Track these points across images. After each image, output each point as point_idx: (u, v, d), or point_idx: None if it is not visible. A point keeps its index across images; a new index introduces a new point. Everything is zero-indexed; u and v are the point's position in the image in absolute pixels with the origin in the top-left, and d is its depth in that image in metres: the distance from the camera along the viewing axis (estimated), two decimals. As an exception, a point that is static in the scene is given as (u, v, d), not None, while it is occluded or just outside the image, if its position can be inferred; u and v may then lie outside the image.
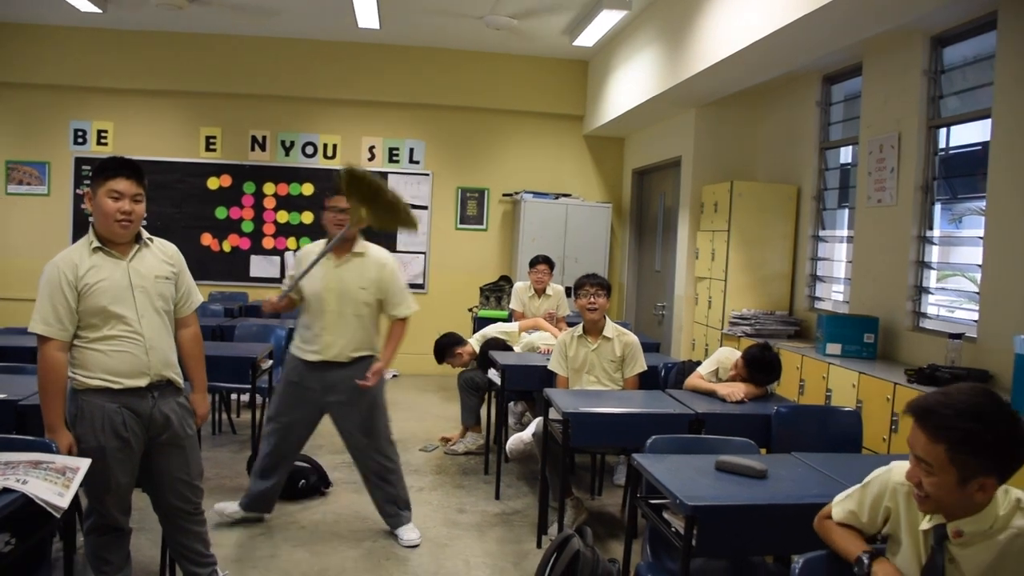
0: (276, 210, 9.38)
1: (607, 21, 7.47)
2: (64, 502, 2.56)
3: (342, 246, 4.27)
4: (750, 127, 7.57)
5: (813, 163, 6.73)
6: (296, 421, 4.46)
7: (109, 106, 9.10)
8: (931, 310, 5.34)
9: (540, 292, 6.98)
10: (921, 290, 5.37)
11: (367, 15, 7.63)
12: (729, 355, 4.60)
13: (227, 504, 4.53)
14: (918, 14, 4.81)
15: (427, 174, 9.57)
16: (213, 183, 9.26)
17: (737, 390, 4.30)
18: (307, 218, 9.34)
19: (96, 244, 3.11)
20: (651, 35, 7.20)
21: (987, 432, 1.87)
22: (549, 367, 4.93)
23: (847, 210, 6.39)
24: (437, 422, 6.59)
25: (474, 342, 6.12)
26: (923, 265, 5.36)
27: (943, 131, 5.32)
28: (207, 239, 9.26)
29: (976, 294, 4.81)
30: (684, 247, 7.65)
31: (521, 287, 7.09)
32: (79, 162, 9.07)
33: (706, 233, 7.21)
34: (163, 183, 8.94)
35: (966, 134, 5.19)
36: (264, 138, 9.35)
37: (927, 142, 5.34)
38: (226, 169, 9.29)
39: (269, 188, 9.34)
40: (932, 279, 5.40)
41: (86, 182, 8.66)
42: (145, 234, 3.25)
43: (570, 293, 6.60)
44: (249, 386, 5.36)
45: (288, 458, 4.56)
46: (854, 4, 4.46)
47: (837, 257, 6.52)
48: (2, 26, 8.71)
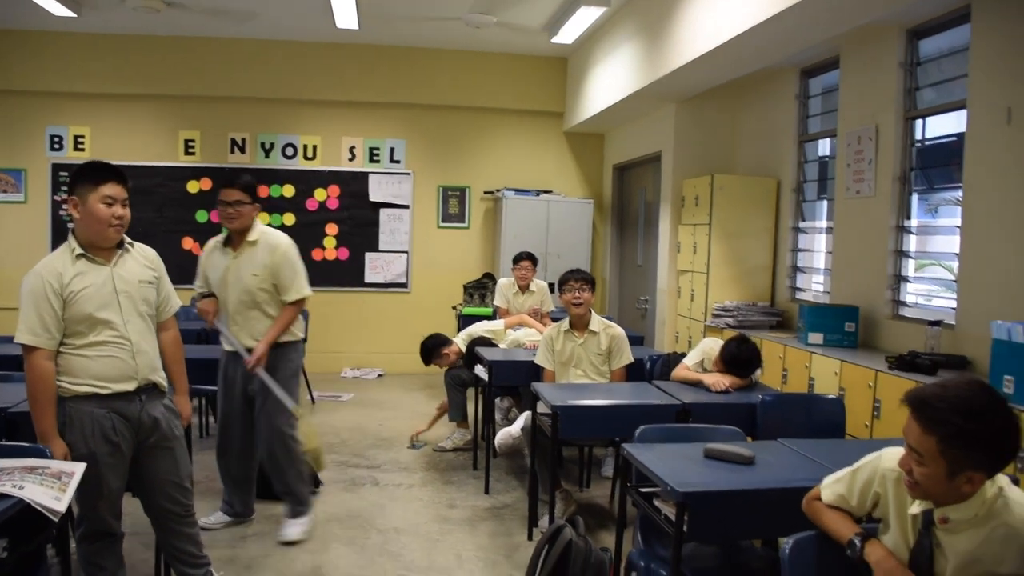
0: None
1: (586, 18, 7.51)
2: (61, 506, 2.57)
3: (238, 237, 4.36)
4: (730, 121, 7.64)
5: (792, 156, 6.81)
6: (230, 412, 4.50)
7: (85, 111, 9.05)
8: (910, 298, 5.42)
9: (524, 288, 7.02)
10: (900, 279, 5.46)
11: (345, 16, 7.63)
12: (714, 346, 4.66)
13: (207, 518, 4.49)
14: (894, 8, 4.88)
15: (408, 173, 9.58)
16: (193, 187, 9.24)
17: (722, 380, 4.35)
18: (288, 220, 9.33)
19: (79, 251, 3.11)
20: (630, 31, 7.25)
21: (979, 429, 1.89)
22: (536, 361, 4.96)
23: (826, 202, 6.47)
24: (422, 421, 6.61)
25: (459, 341, 6.14)
26: (901, 254, 5.44)
27: (919, 122, 5.41)
28: (188, 243, 9.22)
29: (953, 282, 4.89)
30: (666, 241, 7.71)
31: (505, 283, 7.12)
32: (56, 168, 9.01)
33: (687, 227, 7.27)
34: (143, 188, 8.90)
35: (942, 125, 5.27)
36: (244, 140, 9.33)
37: (904, 134, 5.42)
38: (206, 172, 9.26)
39: (250, 190, 9.31)
40: (911, 268, 5.48)
41: (63, 188, 8.62)
42: (126, 239, 3.26)
43: (554, 289, 6.64)
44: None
45: (233, 454, 4.53)
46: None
47: (817, 248, 6.60)
48: (-24, 32, 8.66)
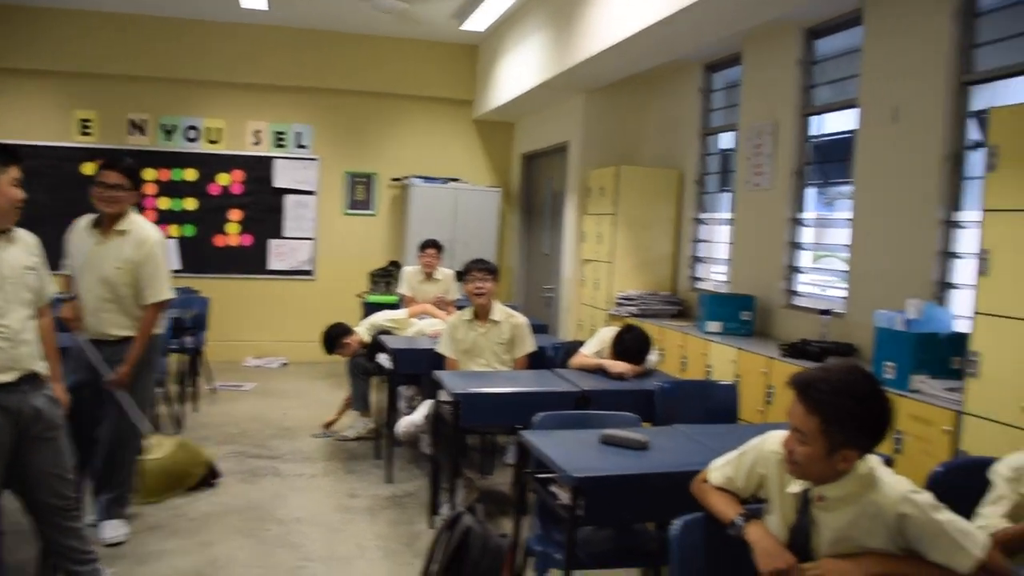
0: (158, 196, 9.06)
1: (496, 6, 7.52)
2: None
3: (108, 222, 4.11)
4: (636, 113, 7.75)
5: (695, 148, 6.96)
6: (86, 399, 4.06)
7: (-28, 86, 8.62)
8: (809, 288, 5.61)
9: (429, 276, 7.00)
10: (794, 269, 5.64)
11: (252, -5, 7.46)
12: (610, 334, 4.73)
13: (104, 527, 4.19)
14: (792, 8, 5.03)
15: (314, 159, 9.42)
16: (88, 168, 8.84)
17: (620, 366, 4.43)
18: (190, 204, 9.08)
19: None
20: (540, 20, 7.28)
21: (859, 409, 2.02)
22: (438, 350, 4.96)
23: (728, 194, 6.64)
24: (328, 410, 6.55)
25: (362, 330, 6.08)
26: (796, 246, 5.62)
27: (816, 119, 5.59)
28: (83, 226, 8.87)
29: (844, 272, 5.08)
30: (571, 230, 7.79)
31: (410, 271, 7.09)
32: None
33: (593, 217, 7.36)
34: (34, 169, 8.45)
35: (838, 122, 5.46)
36: (144, 122, 9.02)
37: (800, 129, 5.60)
38: (103, 154, 8.82)
39: (150, 174, 8.98)
40: (805, 259, 5.67)
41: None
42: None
43: (460, 277, 6.63)
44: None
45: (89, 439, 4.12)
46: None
47: (718, 239, 6.76)
48: None
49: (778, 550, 2.12)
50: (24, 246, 3.18)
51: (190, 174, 9.12)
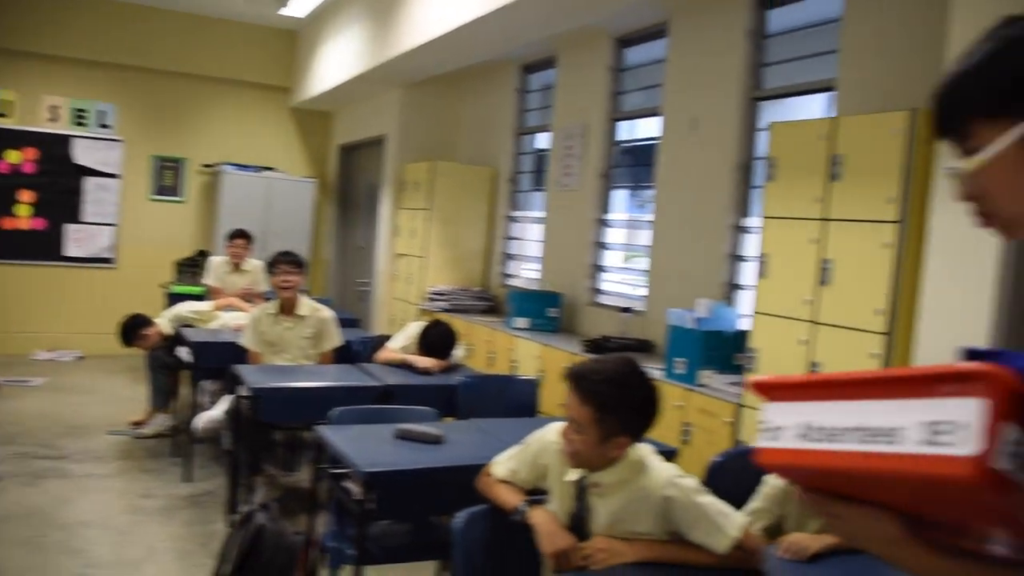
0: (-67, 172, 8.30)
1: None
2: None
3: None
4: (453, 109, 7.80)
5: (510, 147, 7.08)
6: None
7: None
8: (612, 287, 5.82)
9: (237, 267, 6.77)
10: (600, 268, 5.85)
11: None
12: (417, 329, 4.74)
13: None
14: (602, 16, 5.21)
15: (119, 140, 8.88)
16: None
17: (426, 361, 4.44)
18: (-27, 182, 8.38)
19: None
20: (360, 11, 7.20)
21: (628, 397, 2.14)
22: (241, 342, 4.81)
23: (541, 193, 6.79)
24: (127, 405, 6.21)
25: (163, 322, 5.81)
26: (601, 246, 5.83)
27: (630, 124, 5.81)
28: None
29: (645, 272, 5.32)
30: (386, 224, 7.76)
31: (217, 261, 6.83)
32: None
33: (407, 211, 7.36)
34: None
35: (649, 128, 5.69)
36: (-81, 90, 8.24)
37: (609, 133, 5.80)
38: None
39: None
40: (612, 259, 5.89)
41: None
42: None
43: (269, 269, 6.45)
44: None
45: None
46: (544, 1, 4.75)
47: (531, 237, 6.91)
48: None
49: (560, 532, 2.20)
50: None
51: (-28, 149, 8.38)
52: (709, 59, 4.85)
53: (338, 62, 7.78)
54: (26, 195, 8.57)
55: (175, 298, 7.03)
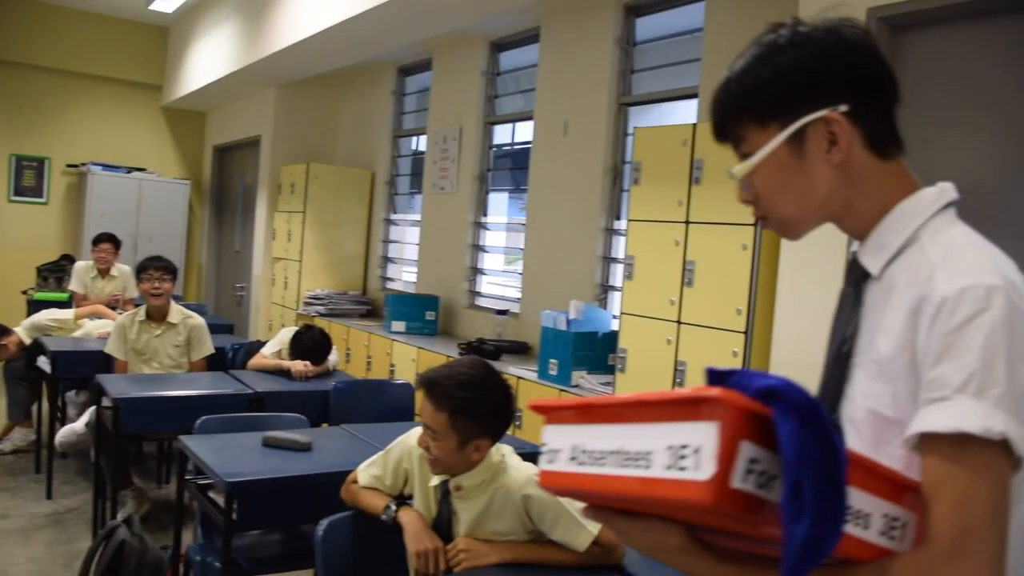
0: None
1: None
2: None
3: None
4: (329, 111, 7.71)
5: (387, 149, 7.04)
6: None
7: None
8: (490, 289, 5.86)
9: (104, 272, 6.51)
10: (477, 271, 5.88)
11: None
12: (290, 334, 4.67)
13: None
14: (476, 20, 5.24)
15: (-27, 138, 8.43)
16: None
17: (300, 365, 4.38)
18: None
19: None
20: (232, 8, 7.04)
21: (481, 400, 2.15)
22: (106, 350, 4.63)
23: (419, 195, 6.78)
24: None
25: (22, 331, 5.54)
26: (479, 248, 5.87)
27: (509, 127, 5.86)
28: None
29: (520, 275, 5.38)
30: (262, 227, 7.62)
31: (82, 267, 6.55)
32: None
33: (283, 214, 7.24)
34: None
35: (527, 132, 5.73)
36: None
37: (484, 137, 5.84)
38: None
39: None
40: (490, 261, 5.94)
41: None
42: None
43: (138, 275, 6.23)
44: None
45: None
46: (417, 2, 4.75)
47: (409, 240, 6.89)
48: None
49: (427, 533, 2.22)
50: None
51: None
52: (580, 65, 4.95)
53: (211, 60, 7.58)
54: None
55: (38, 305, 6.73)
